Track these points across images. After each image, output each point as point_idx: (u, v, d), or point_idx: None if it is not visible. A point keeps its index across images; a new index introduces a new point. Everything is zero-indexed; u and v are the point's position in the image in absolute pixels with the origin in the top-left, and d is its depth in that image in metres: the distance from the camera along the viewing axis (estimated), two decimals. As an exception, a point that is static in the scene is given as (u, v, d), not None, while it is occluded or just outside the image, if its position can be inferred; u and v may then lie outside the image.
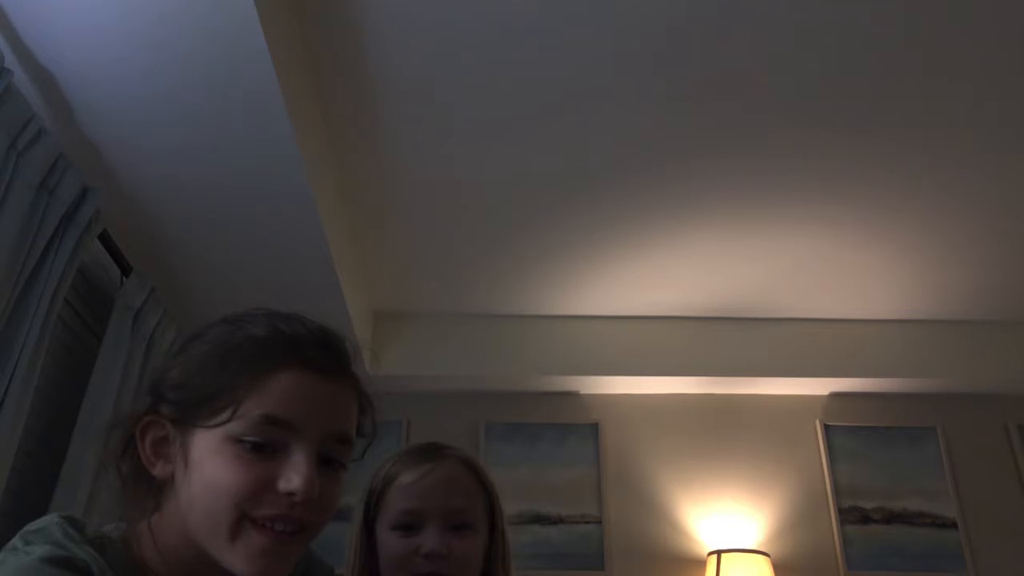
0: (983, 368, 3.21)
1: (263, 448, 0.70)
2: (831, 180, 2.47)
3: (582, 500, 3.10)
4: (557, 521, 3.06)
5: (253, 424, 0.70)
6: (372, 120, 2.19)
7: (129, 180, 1.99)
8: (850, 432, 3.25)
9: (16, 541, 0.68)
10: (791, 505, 3.12)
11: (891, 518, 3.10)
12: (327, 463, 0.74)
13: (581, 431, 3.23)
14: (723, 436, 3.24)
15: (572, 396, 3.31)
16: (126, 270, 2.20)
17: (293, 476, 0.70)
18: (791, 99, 2.13)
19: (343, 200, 2.53)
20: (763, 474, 3.16)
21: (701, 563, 2.97)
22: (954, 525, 3.08)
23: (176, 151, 1.91)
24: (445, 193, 2.51)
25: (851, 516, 3.10)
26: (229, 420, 0.70)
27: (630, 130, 2.24)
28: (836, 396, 3.33)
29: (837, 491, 3.13)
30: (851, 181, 2.47)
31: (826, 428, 3.25)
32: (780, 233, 2.73)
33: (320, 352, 0.75)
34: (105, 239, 2.08)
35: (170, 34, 1.57)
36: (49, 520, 0.70)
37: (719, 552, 2.87)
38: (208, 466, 0.70)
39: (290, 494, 0.69)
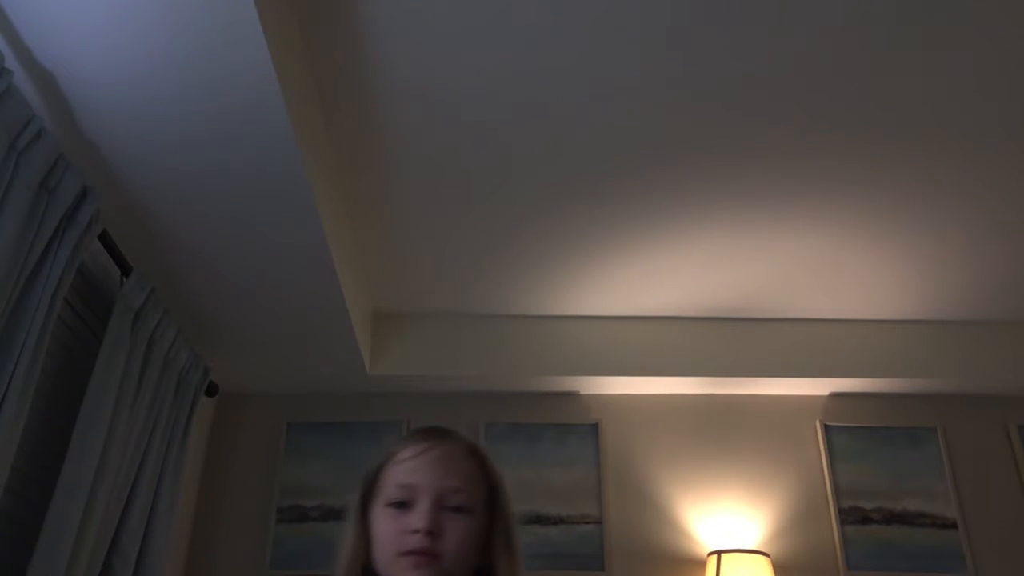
0: (983, 368, 3.21)
1: None
2: (832, 181, 2.47)
3: (582, 500, 3.10)
4: (557, 521, 3.06)
5: None
6: (373, 120, 2.19)
7: (129, 180, 1.99)
8: (850, 432, 3.25)
9: None
10: (791, 505, 3.12)
11: (891, 518, 3.10)
12: None
13: (581, 431, 3.23)
14: (723, 436, 3.24)
15: (572, 396, 3.31)
16: (126, 270, 2.19)
17: None
18: (792, 101, 2.13)
19: (344, 200, 2.53)
20: (763, 474, 3.16)
21: (701, 563, 2.97)
22: (954, 525, 3.08)
23: (176, 151, 1.91)
24: (446, 193, 2.51)
25: (851, 516, 3.10)
26: None
27: (631, 131, 2.24)
28: (836, 396, 3.33)
29: (837, 491, 3.13)
30: (852, 182, 2.47)
31: (826, 428, 3.25)
32: (780, 233, 2.73)
33: None
34: (105, 239, 2.08)
35: (171, 35, 1.58)
36: None
37: (719, 552, 2.87)
38: None
39: None
